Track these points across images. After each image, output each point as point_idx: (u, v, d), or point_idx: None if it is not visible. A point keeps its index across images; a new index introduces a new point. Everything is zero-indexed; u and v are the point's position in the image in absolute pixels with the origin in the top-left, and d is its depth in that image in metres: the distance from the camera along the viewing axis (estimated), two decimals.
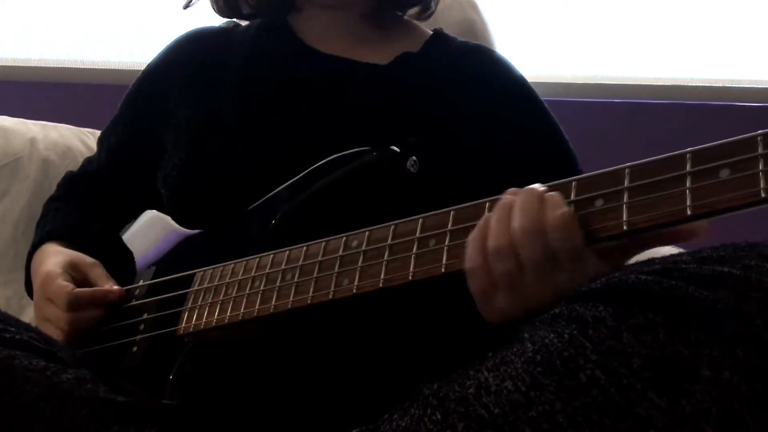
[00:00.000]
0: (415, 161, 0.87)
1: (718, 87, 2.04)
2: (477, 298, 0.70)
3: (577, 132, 1.04)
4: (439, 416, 0.61)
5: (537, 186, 0.69)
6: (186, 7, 1.13)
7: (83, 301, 0.93)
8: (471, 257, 0.70)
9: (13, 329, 0.76)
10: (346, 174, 0.87)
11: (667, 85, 2.04)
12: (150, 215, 1.05)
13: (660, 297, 0.58)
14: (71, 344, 0.92)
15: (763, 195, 0.59)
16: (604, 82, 2.04)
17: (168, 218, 1.01)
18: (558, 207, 0.66)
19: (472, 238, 0.70)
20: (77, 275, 0.97)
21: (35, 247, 1.07)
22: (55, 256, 1.00)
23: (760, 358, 0.54)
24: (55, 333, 0.93)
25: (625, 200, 0.66)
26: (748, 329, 0.54)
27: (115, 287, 0.96)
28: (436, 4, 1.11)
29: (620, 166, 0.67)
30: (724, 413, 0.53)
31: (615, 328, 0.58)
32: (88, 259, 0.99)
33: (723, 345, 0.54)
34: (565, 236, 0.66)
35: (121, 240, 1.07)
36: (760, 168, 0.59)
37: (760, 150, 0.59)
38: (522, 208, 0.68)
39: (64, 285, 0.94)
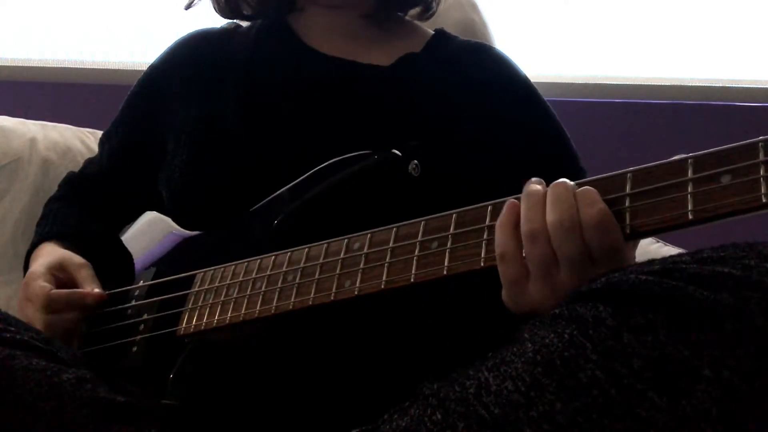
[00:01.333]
0: (416, 165, 0.87)
1: (718, 87, 2.03)
2: (507, 286, 0.69)
3: (577, 132, 1.04)
4: (439, 416, 0.61)
5: (568, 180, 0.68)
6: (188, 7, 1.13)
7: (59, 304, 0.93)
8: (503, 242, 0.69)
9: (13, 329, 0.76)
10: (348, 177, 0.87)
11: (667, 85, 2.04)
12: (150, 216, 1.05)
13: (660, 297, 0.58)
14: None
15: (764, 200, 0.59)
16: (604, 82, 2.04)
17: (168, 220, 1.01)
18: (594, 204, 0.66)
19: (502, 223, 0.69)
20: (63, 276, 0.97)
21: (34, 246, 1.07)
22: (45, 257, 1.00)
23: (760, 359, 0.54)
24: None
25: (626, 205, 0.66)
26: (748, 329, 0.55)
27: (96, 290, 0.95)
28: (437, 5, 1.11)
29: (622, 170, 0.68)
30: (724, 414, 0.53)
31: (615, 328, 0.58)
32: (77, 260, 0.99)
33: (723, 345, 0.54)
34: (602, 234, 0.65)
35: (121, 241, 1.07)
36: (761, 174, 0.59)
37: (761, 156, 0.60)
38: (556, 201, 0.67)
39: (43, 286, 0.93)
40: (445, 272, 0.73)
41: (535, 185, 0.69)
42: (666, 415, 0.54)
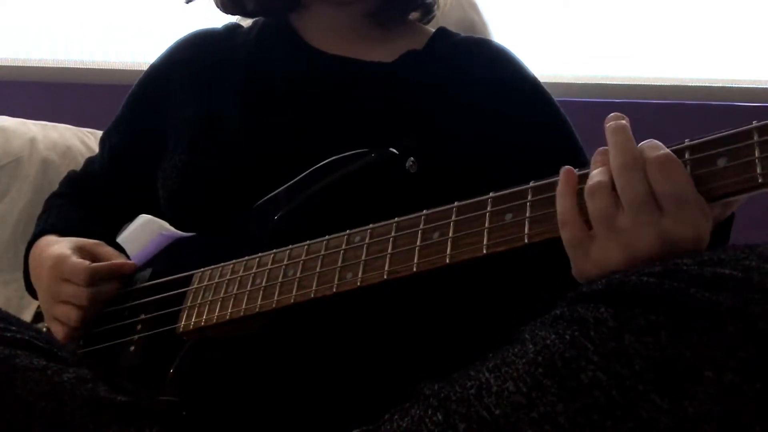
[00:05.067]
0: (413, 162, 0.87)
1: (718, 87, 2.04)
2: (570, 251, 0.67)
3: (578, 132, 1.04)
4: (440, 417, 0.61)
5: (626, 123, 0.68)
6: (188, 1, 1.13)
7: (102, 275, 0.95)
8: (561, 206, 0.67)
9: (14, 328, 0.77)
10: (345, 176, 0.87)
11: (667, 85, 2.04)
12: (142, 219, 1.04)
13: (661, 298, 0.58)
14: (90, 320, 0.94)
15: (760, 180, 0.60)
16: (604, 82, 2.04)
17: (160, 221, 1.01)
18: (659, 148, 0.64)
19: (559, 190, 0.68)
20: (86, 255, 0.98)
21: (35, 237, 1.07)
22: (59, 242, 1.01)
23: (761, 360, 0.54)
24: (73, 312, 0.94)
25: None
26: (749, 331, 0.55)
27: (128, 261, 0.98)
28: (437, 9, 1.11)
29: None
30: (726, 415, 0.53)
31: (616, 329, 0.58)
32: (91, 240, 1.01)
33: (725, 346, 0.55)
34: (666, 175, 0.63)
35: (117, 244, 1.06)
36: (756, 155, 0.61)
37: (756, 138, 0.61)
38: (619, 146, 0.65)
39: (80, 262, 0.95)
40: (447, 260, 0.73)
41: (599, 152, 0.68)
42: (668, 417, 0.54)
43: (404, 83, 0.99)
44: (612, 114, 0.69)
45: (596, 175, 0.66)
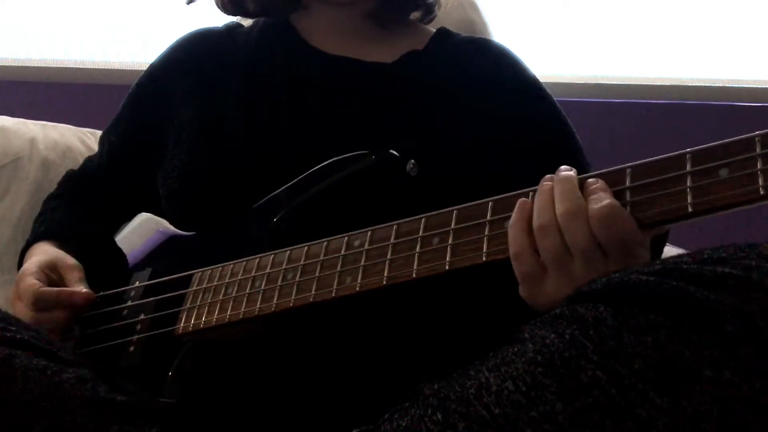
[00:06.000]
0: (414, 164, 0.87)
1: (718, 87, 2.04)
2: (524, 283, 0.69)
3: (578, 132, 1.04)
4: (439, 416, 0.61)
5: (572, 174, 0.69)
6: (189, 1, 1.13)
7: (48, 301, 0.92)
8: (515, 241, 0.69)
9: (13, 328, 0.77)
10: (345, 177, 0.87)
11: (667, 85, 2.04)
12: (141, 218, 1.04)
13: (661, 298, 0.58)
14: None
15: (762, 192, 0.60)
16: (604, 82, 2.04)
17: (158, 219, 1.01)
18: (600, 200, 0.66)
19: (513, 222, 0.69)
20: (54, 276, 0.97)
21: (29, 244, 1.07)
22: (38, 256, 1.00)
23: (761, 359, 0.54)
24: None
25: (627, 199, 0.67)
26: (749, 330, 0.55)
27: (84, 290, 0.95)
28: (439, 9, 1.11)
29: (621, 166, 0.68)
30: (725, 414, 0.53)
31: (616, 328, 0.58)
32: (70, 261, 0.99)
33: (724, 345, 0.55)
34: (609, 226, 0.65)
35: (115, 243, 1.06)
36: (759, 167, 0.60)
37: (758, 150, 0.61)
38: (563, 194, 0.67)
39: (33, 283, 0.93)
40: (447, 267, 0.73)
41: (547, 182, 0.70)
42: (667, 416, 0.54)
43: (405, 84, 1.00)
44: (562, 166, 0.71)
45: (544, 214, 0.67)
